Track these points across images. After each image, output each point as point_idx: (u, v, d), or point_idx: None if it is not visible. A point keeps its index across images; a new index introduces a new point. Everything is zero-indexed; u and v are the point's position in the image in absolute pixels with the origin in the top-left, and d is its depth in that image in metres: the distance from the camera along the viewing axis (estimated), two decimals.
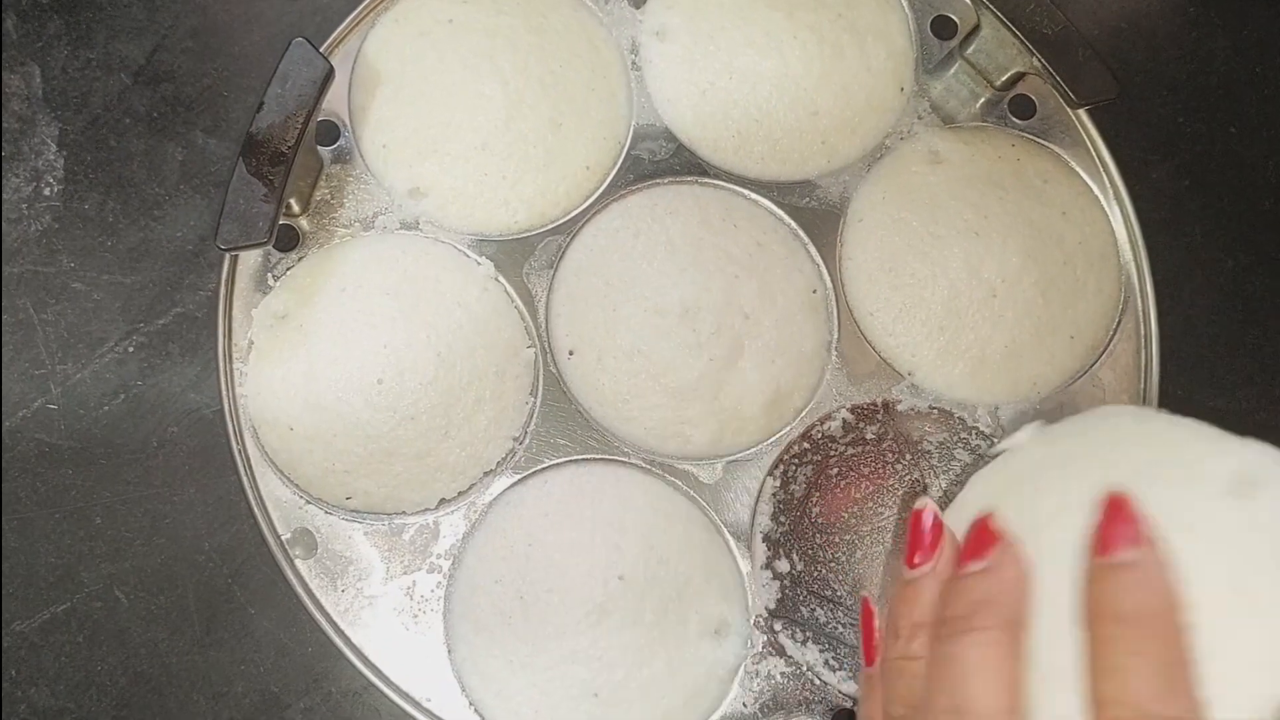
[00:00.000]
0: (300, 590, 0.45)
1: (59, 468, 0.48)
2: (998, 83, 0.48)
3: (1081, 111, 0.49)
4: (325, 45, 0.49)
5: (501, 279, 0.47)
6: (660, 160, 0.48)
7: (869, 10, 0.48)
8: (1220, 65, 0.53)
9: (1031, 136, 0.49)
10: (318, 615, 0.45)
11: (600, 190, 0.48)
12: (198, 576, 0.48)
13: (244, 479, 0.46)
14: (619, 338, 0.46)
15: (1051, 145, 0.49)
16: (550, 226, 0.48)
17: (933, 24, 0.49)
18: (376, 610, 0.45)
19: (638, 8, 0.49)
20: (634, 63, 0.49)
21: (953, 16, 0.49)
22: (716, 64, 0.48)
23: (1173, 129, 0.52)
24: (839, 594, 0.46)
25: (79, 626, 0.47)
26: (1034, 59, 0.44)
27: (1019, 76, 0.47)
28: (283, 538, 0.46)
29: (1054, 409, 0.47)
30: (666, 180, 0.48)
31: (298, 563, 0.45)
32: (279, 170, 0.43)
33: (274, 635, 0.47)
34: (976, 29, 0.47)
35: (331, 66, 0.44)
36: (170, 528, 0.48)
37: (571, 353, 0.47)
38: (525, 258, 0.47)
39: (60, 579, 0.47)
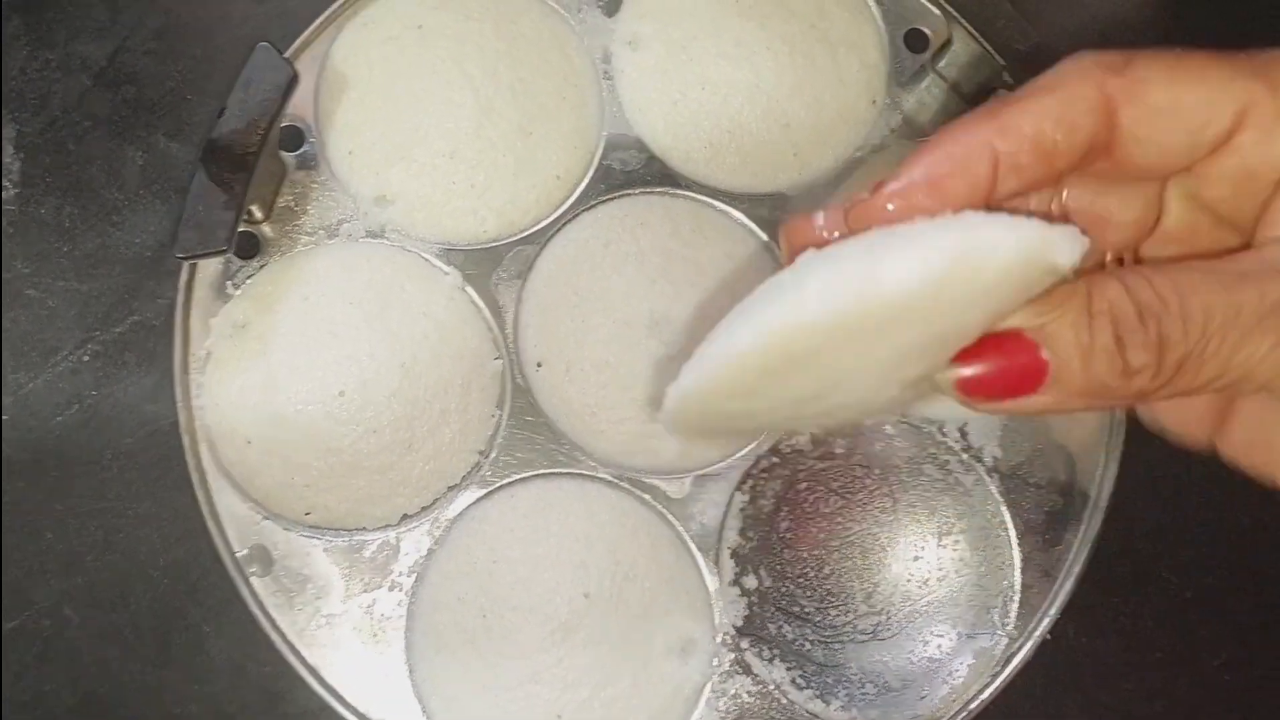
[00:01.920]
0: (256, 609, 0.44)
1: (9, 480, 0.46)
2: (969, 97, 0.47)
3: None
4: (292, 49, 0.48)
5: (469, 289, 0.46)
6: (631, 170, 0.48)
7: (842, 22, 0.48)
8: None
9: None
10: (273, 635, 0.44)
11: (570, 200, 0.47)
12: (152, 593, 0.46)
13: (199, 493, 0.45)
14: (588, 349, 0.46)
15: None
16: (519, 236, 0.47)
17: (906, 37, 0.49)
18: (335, 629, 0.44)
19: (610, 16, 0.49)
20: (606, 72, 0.48)
21: (925, 30, 0.49)
22: (689, 74, 0.47)
23: None
24: (807, 610, 0.45)
25: (28, 645, 0.46)
26: (1006, 74, 0.44)
27: (991, 91, 0.47)
28: (238, 554, 0.44)
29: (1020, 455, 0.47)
30: (637, 191, 0.47)
31: (253, 580, 0.44)
32: (240, 177, 0.42)
33: (230, 654, 0.46)
34: (948, 43, 0.46)
35: (296, 71, 0.43)
36: (124, 543, 0.47)
37: (540, 364, 0.46)
38: (493, 267, 0.47)
39: (9, 596, 0.46)
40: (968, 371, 0.24)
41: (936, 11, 0.48)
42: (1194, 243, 0.27)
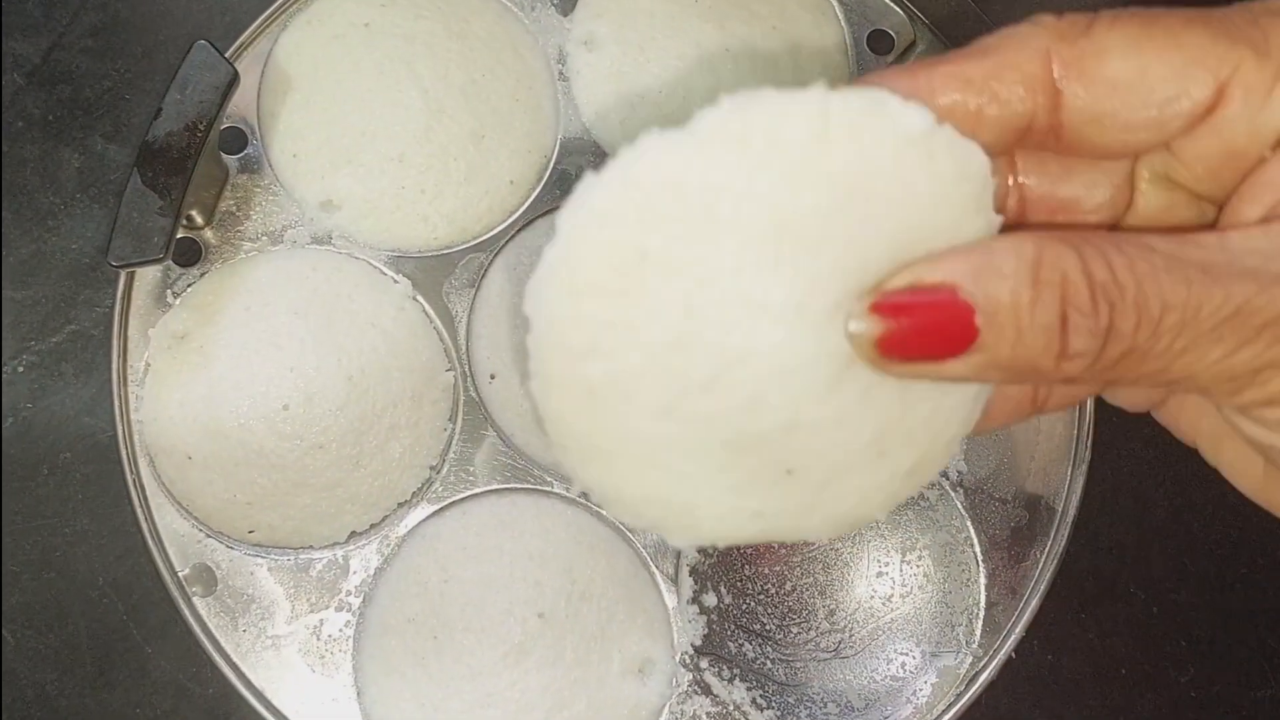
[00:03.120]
0: (198, 630, 0.42)
1: None
2: None
3: None
4: (233, 47, 0.46)
5: (419, 298, 0.45)
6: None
7: (804, 24, 0.47)
8: None
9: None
10: (217, 657, 0.42)
11: (525, 206, 0.46)
12: (91, 613, 0.45)
13: (139, 510, 0.43)
14: None
15: None
16: (472, 243, 0.45)
17: (869, 38, 0.48)
18: (281, 651, 0.43)
19: (565, 15, 0.47)
20: (561, 73, 0.47)
21: (890, 31, 0.47)
22: (646, 76, 0.46)
23: None
24: (768, 628, 0.44)
25: None
26: None
27: None
28: (180, 574, 0.43)
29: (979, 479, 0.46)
30: None
31: (196, 600, 0.43)
32: (177, 181, 0.41)
33: (173, 676, 0.44)
34: (913, 45, 0.45)
35: (236, 71, 0.41)
36: (61, 561, 0.45)
37: (493, 376, 0.45)
38: (445, 276, 0.45)
39: None
40: (888, 324, 0.20)
41: (900, 13, 0.47)
42: (1171, 222, 0.25)
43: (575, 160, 0.46)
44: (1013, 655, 0.44)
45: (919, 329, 0.20)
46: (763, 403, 0.21)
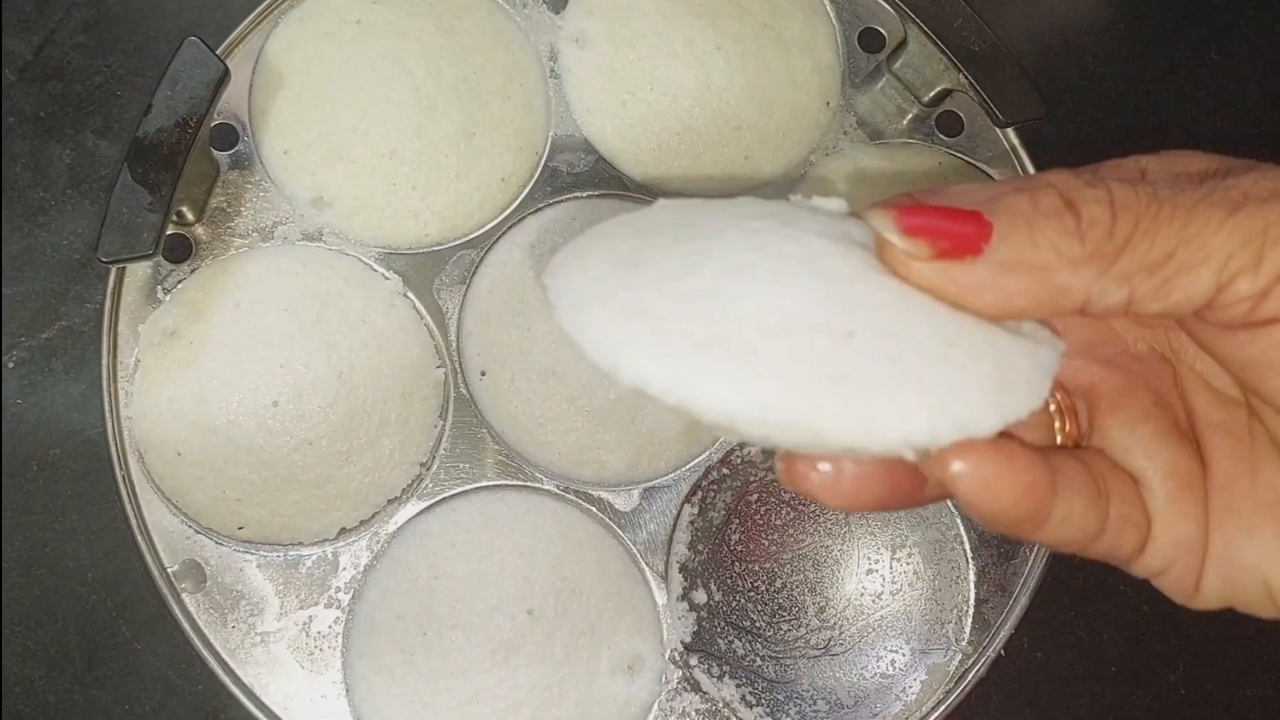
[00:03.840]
0: (188, 626, 0.42)
1: None
2: (925, 99, 0.46)
3: (1009, 130, 0.47)
4: (225, 43, 0.46)
5: (410, 295, 0.45)
6: (579, 173, 0.46)
7: (795, 22, 0.47)
8: (1150, 84, 0.53)
9: (958, 154, 0.48)
10: (206, 653, 0.42)
11: (516, 203, 0.46)
12: (79, 609, 0.45)
13: (129, 507, 0.43)
14: (533, 358, 0.44)
15: (978, 163, 0.48)
16: (463, 240, 0.45)
17: (860, 37, 0.48)
18: (270, 647, 0.42)
19: (557, 13, 0.47)
20: (553, 70, 0.47)
21: (881, 30, 0.48)
22: (638, 73, 0.46)
23: (1102, 148, 0.51)
24: (758, 625, 0.44)
25: None
26: (961, 76, 0.43)
27: (946, 93, 0.46)
28: (169, 570, 0.43)
29: None
30: (585, 194, 0.46)
31: (185, 597, 0.43)
32: (167, 177, 0.40)
33: (161, 673, 0.44)
34: (904, 43, 0.45)
35: (227, 68, 0.41)
36: (50, 557, 0.45)
37: (483, 373, 0.45)
38: (436, 273, 0.45)
39: None
40: (912, 214, 0.21)
41: (891, 11, 0.47)
42: None
43: (566, 157, 0.46)
44: (1002, 652, 0.44)
45: (937, 219, 0.21)
46: (795, 290, 0.21)
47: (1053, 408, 0.25)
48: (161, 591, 0.43)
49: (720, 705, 0.43)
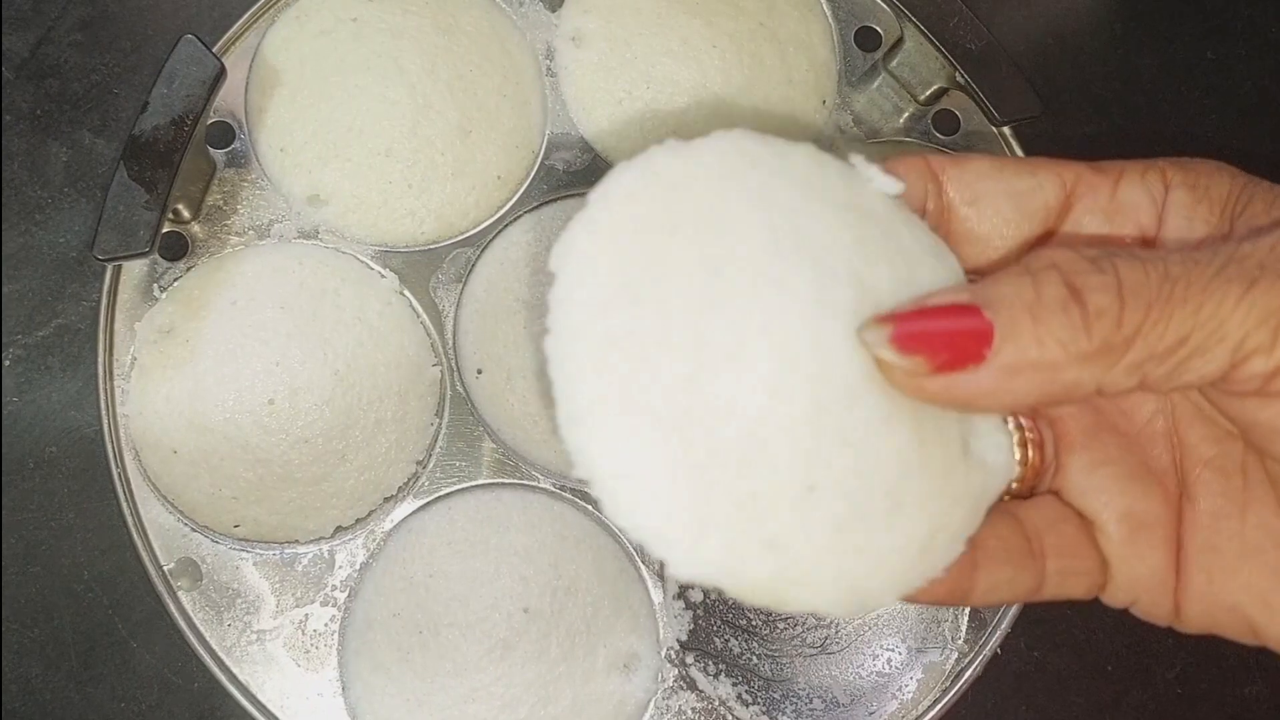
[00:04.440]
0: (184, 624, 0.42)
1: None
2: (921, 97, 0.46)
3: (1005, 128, 0.48)
4: (221, 41, 0.46)
5: (406, 293, 0.45)
6: (575, 171, 0.46)
7: (791, 20, 0.47)
8: (1146, 83, 0.53)
9: (954, 153, 0.48)
10: (202, 651, 0.42)
11: (512, 201, 0.46)
12: (76, 607, 0.45)
13: (125, 504, 0.43)
14: (530, 356, 0.44)
15: None
16: (459, 238, 0.45)
17: (856, 35, 0.48)
18: (266, 645, 0.42)
19: (553, 11, 0.47)
20: (549, 68, 0.47)
21: (877, 28, 0.48)
22: (633, 72, 0.46)
23: (1097, 147, 0.51)
24: (754, 623, 0.44)
25: None
26: (957, 74, 0.43)
27: (942, 91, 0.46)
28: (165, 568, 0.43)
29: None
30: (581, 192, 0.46)
31: (181, 594, 0.43)
32: (163, 175, 0.40)
33: (158, 670, 0.44)
34: (900, 41, 0.45)
35: (223, 66, 0.41)
36: (47, 555, 0.45)
37: (480, 371, 0.45)
38: (432, 271, 0.45)
39: None
40: (906, 326, 0.21)
41: (888, 9, 0.47)
42: None
43: (562, 156, 0.46)
44: (999, 651, 0.44)
45: (936, 327, 0.20)
46: (778, 400, 0.21)
47: (1017, 437, 0.25)
48: (157, 589, 0.43)
49: (716, 704, 0.43)
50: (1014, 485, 0.25)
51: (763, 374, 0.21)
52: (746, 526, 0.21)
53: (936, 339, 0.20)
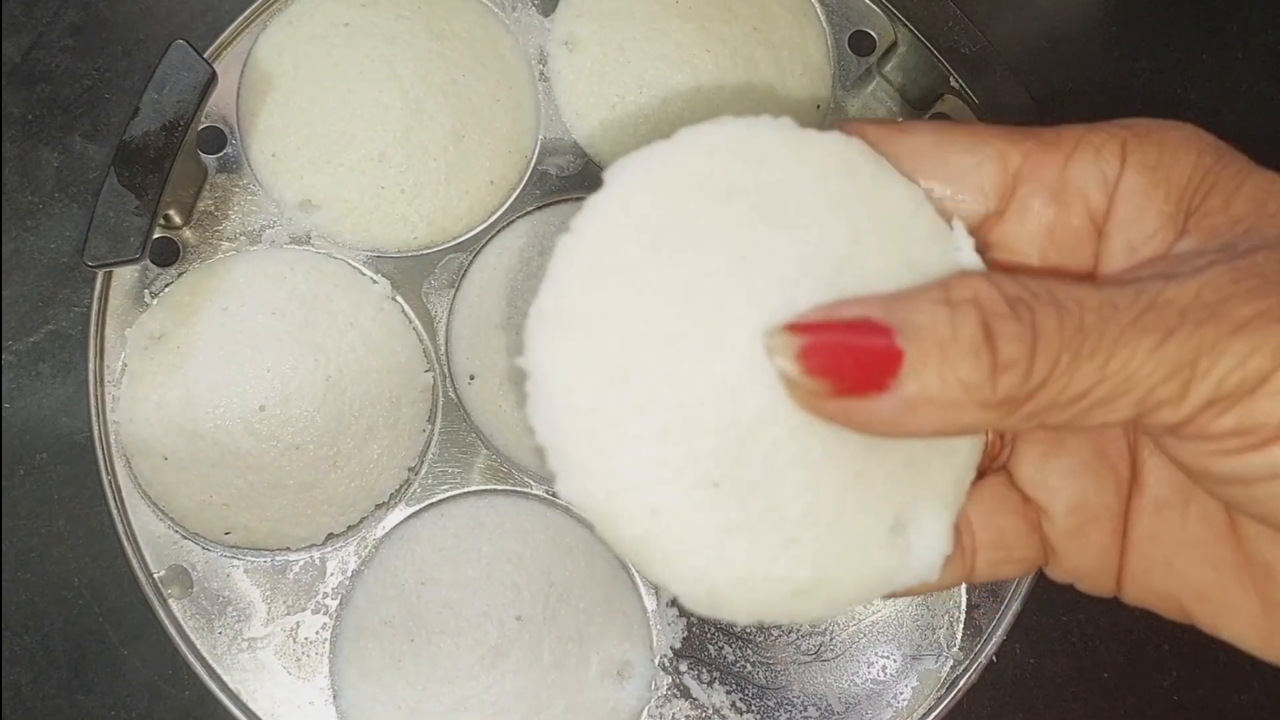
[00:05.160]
0: (174, 632, 0.42)
1: None
2: (916, 101, 0.46)
3: None
4: (213, 47, 0.46)
5: (399, 298, 0.45)
6: (568, 176, 0.46)
7: (785, 24, 0.46)
8: (1142, 87, 0.52)
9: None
10: (193, 659, 0.42)
11: (505, 206, 0.46)
12: (66, 614, 0.44)
13: (115, 511, 0.43)
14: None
15: None
16: (451, 244, 0.45)
17: (850, 39, 0.47)
18: (257, 653, 0.42)
19: (546, 16, 0.47)
20: (542, 73, 0.47)
21: (871, 32, 0.47)
22: (627, 76, 0.45)
23: None
24: (748, 631, 0.44)
25: None
26: (951, 78, 0.42)
27: (937, 95, 0.46)
28: (156, 575, 0.42)
29: None
30: (574, 197, 0.46)
31: (172, 602, 0.42)
32: (153, 180, 0.40)
33: (148, 678, 0.44)
34: (894, 46, 0.45)
35: (214, 71, 0.41)
36: (37, 562, 0.45)
37: (472, 377, 0.45)
38: (424, 276, 0.45)
39: None
40: (810, 339, 0.20)
41: (881, 14, 0.47)
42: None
43: (555, 161, 0.46)
44: (994, 658, 0.44)
45: (843, 346, 0.20)
46: (719, 392, 0.22)
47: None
48: (148, 597, 0.42)
49: (710, 712, 0.43)
50: None
51: (717, 365, 0.21)
52: (641, 483, 0.21)
53: (845, 361, 0.20)
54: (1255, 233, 0.21)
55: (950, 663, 0.44)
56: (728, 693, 0.43)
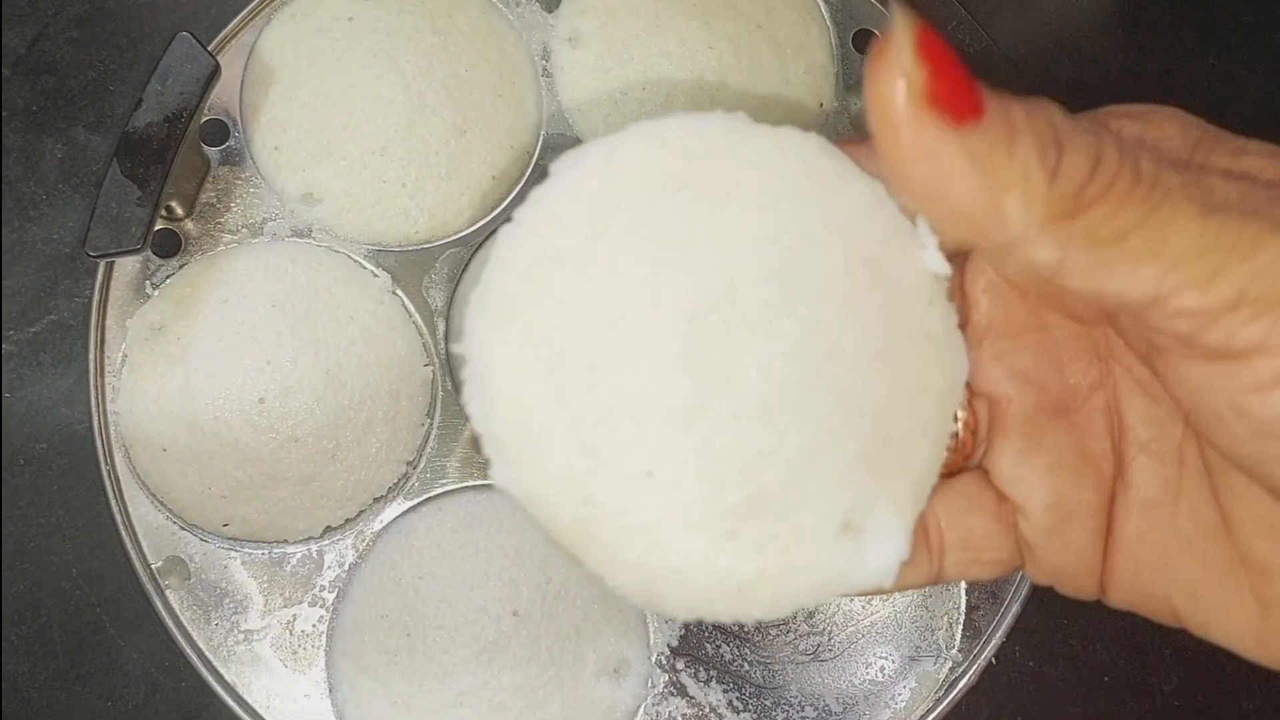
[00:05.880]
0: (171, 623, 0.42)
1: None
2: None
3: None
4: (217, 39, 0.46)
5: (399, 292, 0.44)
6: None
7: (789, 22, 0.46)
8: (1148, 89, 0.52)
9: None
10: (189, 650, 0.42)
11: (507, 201, 0.46)
12: (64, 605, 0.44)
13: (114, 502, 0.43)
14: None
15: None
16: (453, 238, 0.45)
17: (854, 38, 0.47)
18: (254, 645, 0.42)
19: (550, 11, 0.47)
20: (545, 69, 0.46)
21: (875, 31, 0.47)
22: (630, 73, 0.45)
23: None
24: (746, 629, 0.44)
25: None
26: None
27: None
28: (153, 566, 0.42)
29: None
30: None
31: (169, 593, 0.42)
32: (156, 172, 0.40)
33: (145, 669, 0.44)
34: None
35: (217, 63, 0.41)
36: (35, 552, 0.45)
37: None
38: (425, 270, 0.45)
39: None
40: (927, 39, 0.19)
41: (886, 12, 0.47)
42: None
43: (557, 156, 0.46)
44: (993, 661, 0.44)
45: (959, 64, 0.19)
46: (658, 387, 0.21)
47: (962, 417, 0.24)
48: (145, 588, 0.43)
49: (707, 710, 0.43)
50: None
51: (654, 353, 0.21)
52: (575, 472, 0.21)
53: (949, 72, 0.19)
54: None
55: (949, 664, 0.44)
56: (724, 691, 0.43)
